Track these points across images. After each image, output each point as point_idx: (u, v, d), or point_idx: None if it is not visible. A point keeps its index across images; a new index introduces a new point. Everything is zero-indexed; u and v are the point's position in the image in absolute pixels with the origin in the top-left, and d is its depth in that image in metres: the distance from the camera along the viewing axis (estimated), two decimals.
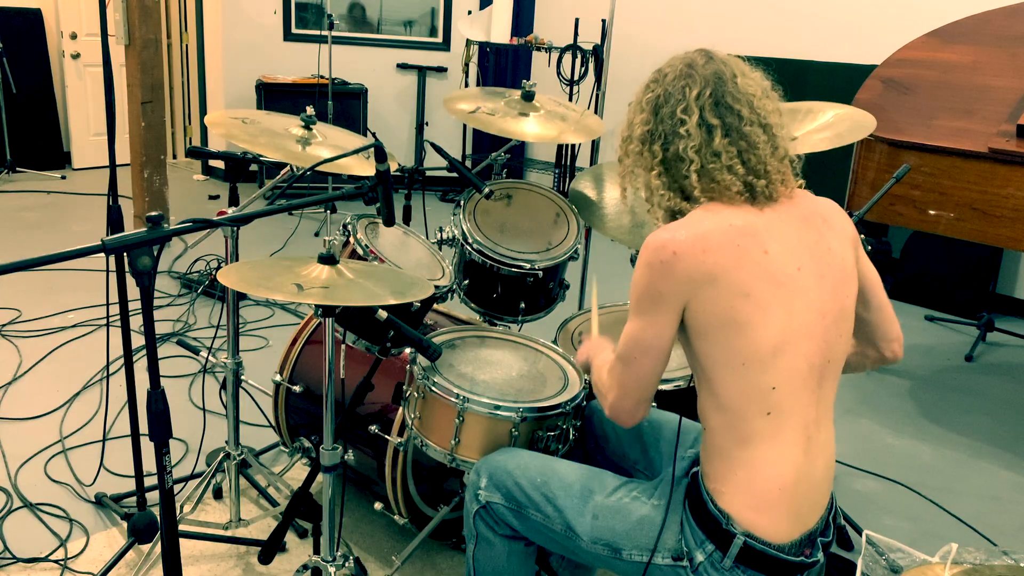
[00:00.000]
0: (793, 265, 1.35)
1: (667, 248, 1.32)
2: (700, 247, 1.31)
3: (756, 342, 1.31)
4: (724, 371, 1.34)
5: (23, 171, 6.24)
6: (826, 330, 1.38)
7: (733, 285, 1.30)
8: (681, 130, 1.37)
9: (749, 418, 1.34)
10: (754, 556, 1.36)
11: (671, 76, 1.41)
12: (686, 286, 1.31)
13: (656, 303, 1.34)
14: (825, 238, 1.41)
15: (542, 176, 6.55)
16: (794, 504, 1.37)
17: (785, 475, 1.35)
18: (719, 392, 1.35)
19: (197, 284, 4.09)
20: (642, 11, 5.87)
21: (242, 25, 6.16)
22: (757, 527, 1.35)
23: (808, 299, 1.36)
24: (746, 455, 1.36)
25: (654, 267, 1.33)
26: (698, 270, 1.30)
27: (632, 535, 1.46)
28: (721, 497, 1.38)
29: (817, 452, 1.40)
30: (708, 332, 1.33)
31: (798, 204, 1.43)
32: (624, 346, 1.41)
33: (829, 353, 1.39)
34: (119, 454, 2.62)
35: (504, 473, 1.60)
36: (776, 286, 1.33)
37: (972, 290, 4.50)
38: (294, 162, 2.01)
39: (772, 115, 1.40)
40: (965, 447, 3.12)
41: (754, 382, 1.32)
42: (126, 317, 2.09)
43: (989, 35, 3.32)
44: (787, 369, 1.33)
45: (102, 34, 2.17)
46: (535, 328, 2.41)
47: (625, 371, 1.42)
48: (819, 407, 1.40)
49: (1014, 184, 2.90)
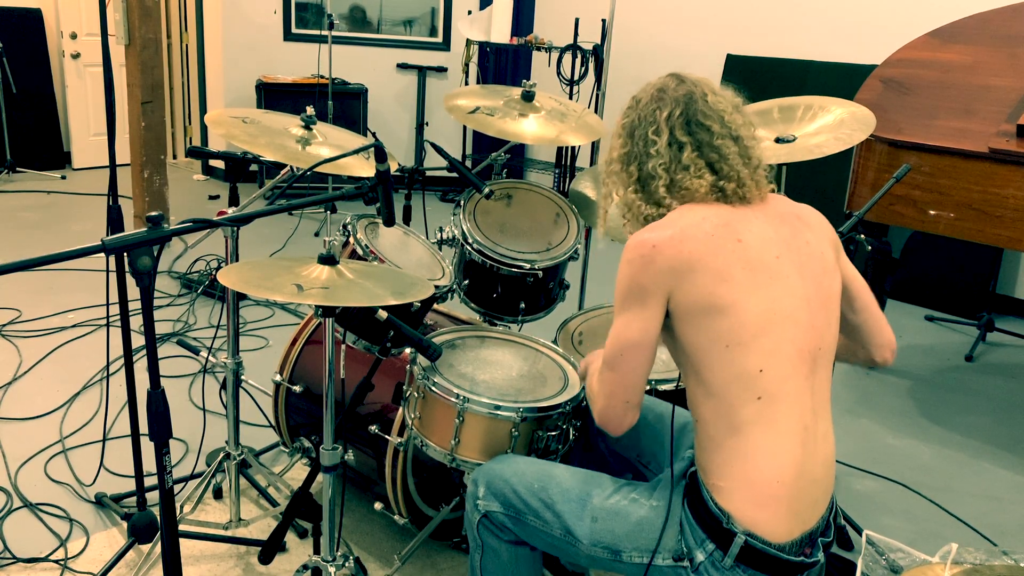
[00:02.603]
0: (771, 254, 1.41)
1: (646, 244, 1.39)
2: (677, 239, 1.38)
3: (738, 325, 1.36)
4: (709, 356, 1.37)
5: (23, 171, 6.24)
6: (812, 316, 1.42)
7: (711, 272, 1.36)
8: (652, 150, 1.47)
9: (739, 404, 1.36)
10: (755, 555, 1.36)
11: (644, 101, 1.51)
12: (667, 277, 1.37)
13: (640, 297, 1.39)
14: (801, 233, 1.47)
15: (542, 176, 6.55)
16: (794, 500, 1.37)
17: (783, 468, 1.36)
18: (707, 379, 1.38)
19: (197, 284, 4.09)
20: (642, 11, 5.87)
21: (242, 25, 6.16)
22: (757, 525, 1.36)
23: (789, 285, 1.40)
24: (740, 444, 1.37)
25: (635, 263, 1.39)
26: (677, 259, 1.37)
27: (632, 537, 1.46)
28: (720, 493, 1.38)
29: (816, 446, 1.41)
30: (691, 318, 1.38)
31: (774, 206, 1.50)
32: (610, 348, 1.43)
33: (819, 340, 1.42)
34: (119, 454, 2.62)
35: (501, 481, 1.60)
36: (753, 271, 1.38)
37: (972, 290, 4.50)
38: (294, 162, 2.01)
39: (742, 128, 1.49)
40: (965, 447, 3.12)
41: (740, 365, 1.36)
42: (126, 317, 2.09)
43: (989, 35, 3.32)
44: (773, 352, 1.37)
45: (102, 34, 2.17)
46: (535, 328, 2.41)
47: (612, 375, 1.44)
48: (814, 397, 1.42)
49: (1014, 184, 2.90)
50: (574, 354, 2.19)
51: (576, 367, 1.98)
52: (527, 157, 6.84)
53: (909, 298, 4.69)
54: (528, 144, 6.77)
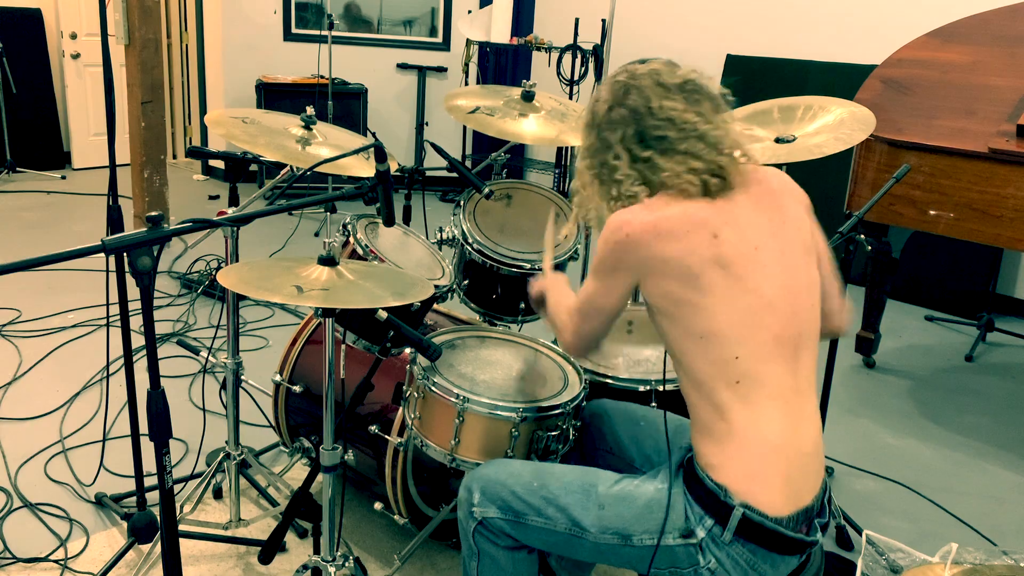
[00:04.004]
0: (750, 246, 1.42)
1: (622, 229, 1.43)
2: (652, 233, 1.40)
3: (710, 319, 1.40)
4: (686, 346, 1.43)
5: (23, 171, 6.24)
6: (794, 302, 1.44)
7: (682, 269, 1.40)
8: (618, 175, 1.49)
9: (719, 388, 1.41)
10: (753, 528, 1.38)
11: (598, 121, 1.52)
12: (637, 267, 1.43)
13: (611, 273, 1.47)
14: (781, 211, 1.49)
15: (542, 176, 6.55)
16: (785, 470, 1.40)
17: (770, 438, 1.39)
18: (688, 368, 1.44)
19: (197, 284, 4.09)
20: (642, 11, 5.87)
21: (242, 25, 6.16)
22: (753, 495, 1.38)
23: (769, 275, 1.42)
24: (727, 424, 1.40)
25: (609, 244, 1.45)
26: (649, 254, 1.41)
27: (642, 519, 1.46)
28: (714, 470, 1.41)
29: (801, 421, 1.44)
30: (665, 311, 1.44)
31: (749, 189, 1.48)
32: (583, 301, 1.56)
33: (800, 325, 1.45)
34: (119, 454, 2.62)
35: (497, 485, 1.59)
36: (727, 267, 1.40)
37: (972, 290, 4.51)
38: (294, 162, 2.01)
39: (700, 123, 1.45)
40: (965, 447, 3.12)
41: (716, 353, 1.40)
42: (126, 317, 2.09)
43: (989, 35, 3.32)
44: (748, 340, 1.40)
45: (102, 34, 2.17)
46: (535, 328, 2.41)
47: (582, 322, 1.58)
48: (797, 377, 1.44)
49: (1014, 184, 2.90)
50: None
51: (576, 368, 1.98)
52: (527, 157, 6.84)
53: (909, 298, 4.70)
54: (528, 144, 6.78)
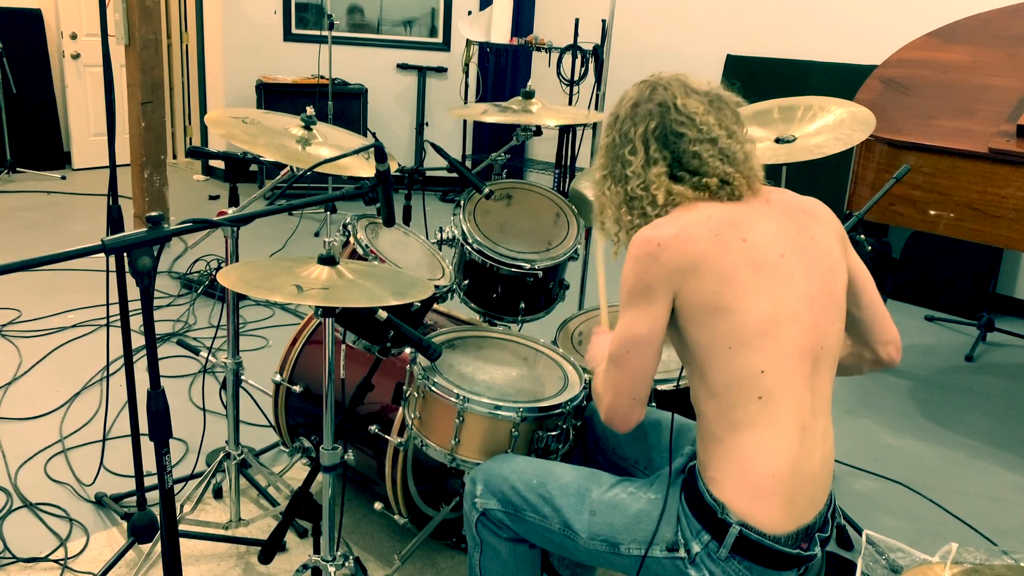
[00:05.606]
0: (775, 252, 1.40)
1: (652, 242, 1.38)
2: (682, 238, 1.37)
3: (741, 326, 1.35)
4: (712, 356, 1.37)
5: (23, 171, 6.24)
6: (816, 316, 1.41)
7: (715, 272, 1.36)
8: (628, 171, 1.47)
9: (740, 403, 1.37)
10: (750, 546, 1.37)
11: (621, 117, 1.51)
12: (673, 275, 1.37)
13: (646, 295, 1.39)
14: (807, 228, 1.46)
15: (542, 176, 6.55)
16: (789, 495, 1.38)
17: (779, 463, 1.37)
18: (709, 378, 1.39)
19: (197, 284, 4.09)
20: (642, 11, 5.87)
21: (242, 25, 6.16)
22: (752, 516, 1.37)
23: (793, 285, 1.40)
24: (739, 440, 1.37)
25: (641, 260, 1.39)
26: (682, 259, 1.36)
27: (630, 529, 1.46)
28: (715, 485, 1.39)
29: (813, 444, 1.41)
30: (695, 318, 1.38)
31: (778, 200, 1.48)
32: (616, 345, 1.43)
33: (821, 340, 1.42)
34: (119, 454, 2.62)
35: (499, 478, 1.61)
36: (757, 271, 1.37)
37: (972, 290, 4.50)
38: (294, 162, 2.01)
39: (714, 128, 1.46)
40: (965, 447, 3.12)
41: (742, 366, 1.36)
42: (126, 317, 2.09)
43: (989, 35, 3.32)
44: (775, 352, 1.36)
45: (102, 34, 2.17)
46: (535, 328, 2.41)
47: (618, 372, 1.43)
48: (814, 396, 1.42)
49: (1014, 184, 2.90)
50: (574, 354, 2.19)
51: (576, 367, 1.98)
52: (527, 157, 6.84)
53: (909, 298, 4.69)
54: (528, 144, 6.79)
